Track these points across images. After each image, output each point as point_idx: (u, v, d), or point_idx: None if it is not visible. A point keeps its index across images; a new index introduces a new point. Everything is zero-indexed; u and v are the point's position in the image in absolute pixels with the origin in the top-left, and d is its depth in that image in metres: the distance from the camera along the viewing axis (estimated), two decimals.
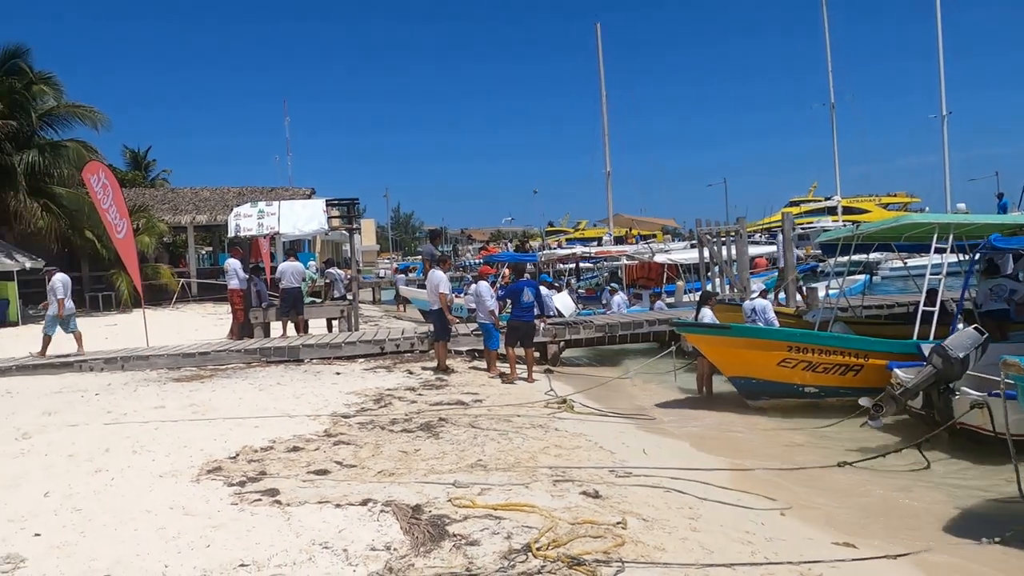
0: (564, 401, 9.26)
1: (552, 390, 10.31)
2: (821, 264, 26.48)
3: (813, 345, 9.64)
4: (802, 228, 36.08)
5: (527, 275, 15.57)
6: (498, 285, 17.99)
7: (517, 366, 11.21)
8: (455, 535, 4.59)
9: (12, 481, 6.04)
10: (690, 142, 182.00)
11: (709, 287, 17.11)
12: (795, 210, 33.24)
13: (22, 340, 18.16)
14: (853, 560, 4.72)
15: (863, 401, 8.02)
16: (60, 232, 25.61)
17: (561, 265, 30.19)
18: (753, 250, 21.58)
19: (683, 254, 22.32)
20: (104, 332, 19.49)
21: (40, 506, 5.38)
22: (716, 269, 18.87)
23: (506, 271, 29.47)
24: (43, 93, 26.93)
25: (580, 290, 23.09)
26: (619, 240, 37.85)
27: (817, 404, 9.72)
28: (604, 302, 18.65)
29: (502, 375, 11.34)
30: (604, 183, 41.52)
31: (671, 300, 19.25)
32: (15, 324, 21.85)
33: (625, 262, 24.21)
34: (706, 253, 18.91)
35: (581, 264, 28.84)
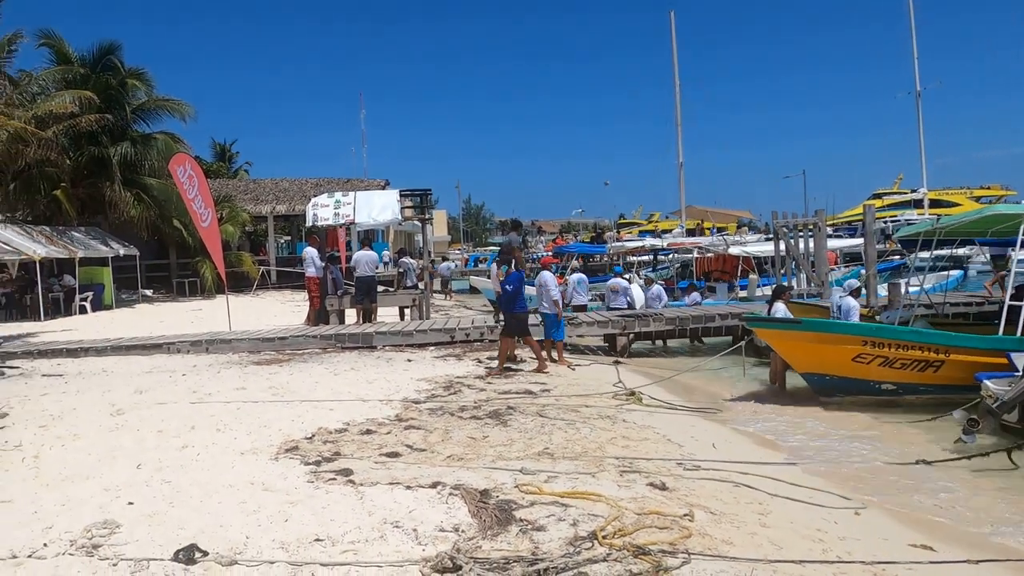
0: (632, 393, 9.22)
1: (620, 382, 10.27)
2: (907, 259, 25.41)
3: (890, 340, 9.30)
4: (884, 222, 34.62)
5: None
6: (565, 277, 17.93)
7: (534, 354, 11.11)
8: (522, 520, 4.66)
9: (108, 453, 6.44)
10: (766, 135, 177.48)
11: (785, 283, 16.66)
12: (879, 203, 31.96)
13: (116, 322, 19.24)
14: (931, 563, 4.57)
15: (956, 415, 7.66)
16: (150, 221, 26.93)
17: (632, 257, 30.00)
18: (832, 244, 20.90)
19: (758, 247, 21.80)
20: (190, 316, 20.46)
21: (133, 477, 5.72)
22: (792, 263, 18.34)
23: (575, 262, 29.54)
24: (135, 88, 28.30)
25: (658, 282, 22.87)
26: (691, 232, 37.26)
27: (895, 401, 9.39)
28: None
29: (569, 366, 11.38)
30: (677, 175, 40.95)
31: (744, 294, 18.85)
32: (110, 308, 23.12)
33: (696, 255, 23.85)
34: (782, 247, 18.40)
35: (653, 256, 28.62)
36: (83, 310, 21.64)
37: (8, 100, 20.85)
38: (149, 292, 28.11)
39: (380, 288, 17.24)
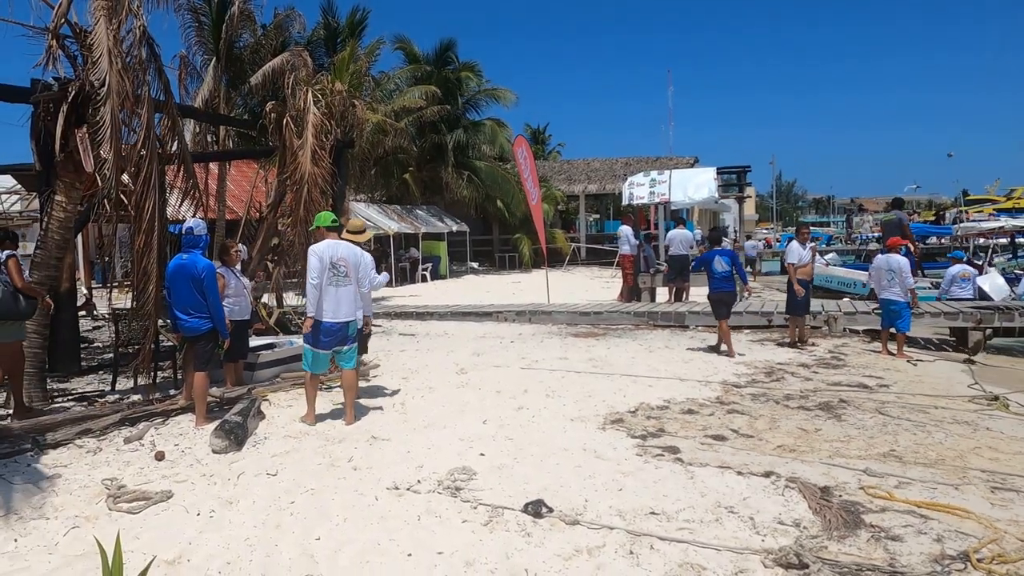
0: (997, 398, 7.94)
1: (977, 383, 8.91)
2: None
3: None
4: None
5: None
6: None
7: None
8: (872, 526, 4.28)
9: (458, 408, 7.26)
10: None
11: None
12: None
13: (450, 291, 21.58)
14: None
15: None
16: (478, 200, 29.71)
17: (983, 240, 25.77)
18: None
19: None
20: (511, 288, 22.17)
21: (480, 431, 6.37)
22: None
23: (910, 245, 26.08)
24: (468, 79, 31.24)
25: (1017, 271, 19.39)
26: None
27: None
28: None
29: (909, 360, 10.16)
30: None
31: None
32: (444, 277, 26.05)
33: None
34: None
35: (1012, 240, 24.21)
36: (424, 279, 24.71)
37: (372, 97, 24.30)
38: (475, 265, 31.06)
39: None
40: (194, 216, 7.75)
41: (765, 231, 67.46)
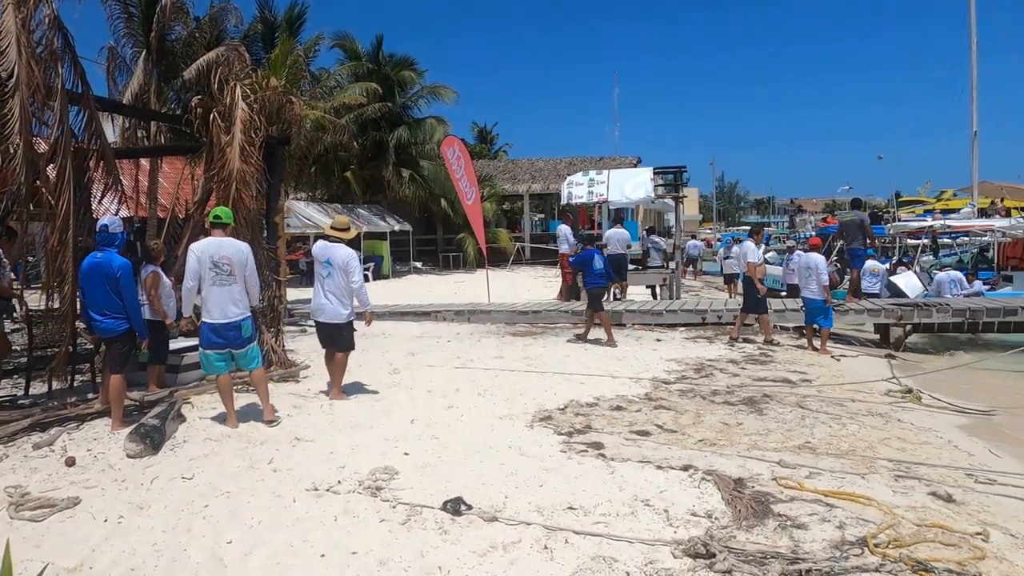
0: (910, 391, 8.27)
1: (894, 377, 9.27)
2: None
3: None
4: None
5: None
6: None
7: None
8: (780, 515, 4.41)
9: (387, 407, 7.21)
10: None
11: None
12: None
13: (392, 290, 21.38)
14: None
15: None
16: (421, 199, 29.54)
17: (911, 240, 26.75)
18: None
19: None
20: (453, 288, 22.10)
21: (407, 431, 6.33)
22: None
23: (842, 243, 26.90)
24: (410, 77, 31.06)
25: (936, 271, 20.16)
26: (983, 213, 32.18)
27: None
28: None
29: (832, 355, 10.53)
30: (970, 145, 35.64)
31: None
32: (387, 277, 25.81)
33: (992, 238, 20.60)
34: None
35: (932, 240, 25.20)
36: (365, 279, 24.40)
37: (311, 94, 23.92)
38: (419, 264, 30.87)
39: (631, 267, 17.24)
40: (116, 214, 7.52)
41: (708, 231, 68.73)
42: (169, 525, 4.31)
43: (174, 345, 8.28)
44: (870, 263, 15.36)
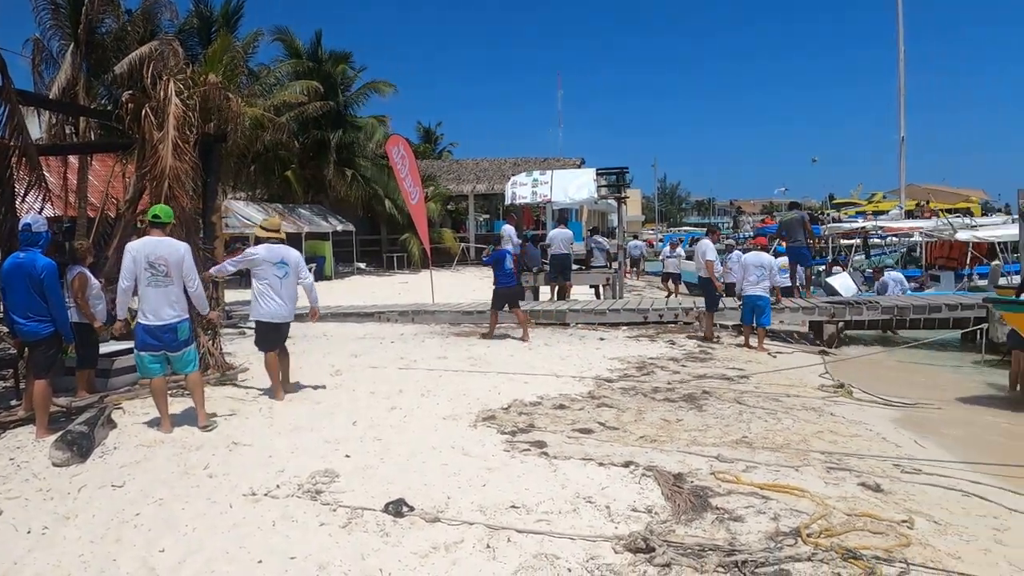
0: (842, 386, 8.56)
1: (827, 373, 9.58)
2: None
3: None
4: None
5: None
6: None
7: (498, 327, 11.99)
8: (718, 508, 4.51)
9: (328, 409, 7.09)
10: (1008, 99, 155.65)
11: None
12: None
13: (334, 292, 21.06)
14: None
15: None
16: (364, 200, 29.21)
17: (844, 241, 27.68)
18: None
19: (994, 231, 19.19)
20: (397, 288, 21.94)
21: (349, 432, 6.24)
22: None
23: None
24: (349, 75, 30.71)
25: (868, 271, 20.93)
26: (910, 214, 33.58)
27: None
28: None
29: (769, 352, 10.82)
30: (897, 150, 37.10)
31: (983, 283, 16.79)
32: (329, 278, 25.40)
33: (919, 239, 21.50)
34: None
35: (863, 240, 26.16)
36: None
37: (250, 91, 23.41)
38: (363, 265, 30.52)
39: (575, 266, 17.39)
40: (41, 212, 7.22)
41: (651, 232, 69.77)
42: (97, 535, 4.15)
43: (106, 349, 7.99)
44: (782, 259, 15.75)
